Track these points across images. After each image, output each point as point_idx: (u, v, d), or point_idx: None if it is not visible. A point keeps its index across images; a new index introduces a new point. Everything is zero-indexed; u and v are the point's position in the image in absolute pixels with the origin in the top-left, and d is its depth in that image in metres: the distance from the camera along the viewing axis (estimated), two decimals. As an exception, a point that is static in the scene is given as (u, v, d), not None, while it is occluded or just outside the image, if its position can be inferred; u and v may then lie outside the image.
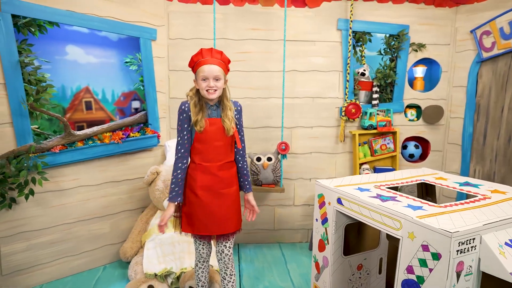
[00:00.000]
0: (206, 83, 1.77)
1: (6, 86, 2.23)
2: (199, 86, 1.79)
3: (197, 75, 1.80)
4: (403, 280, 1.46)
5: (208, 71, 1.76)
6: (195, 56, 1.83)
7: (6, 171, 2.18)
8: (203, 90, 1.78)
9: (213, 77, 1.76)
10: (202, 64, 1.78)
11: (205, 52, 1.81)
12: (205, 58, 1.79)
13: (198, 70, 1.79)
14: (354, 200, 1.71)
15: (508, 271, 1.27)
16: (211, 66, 1.77)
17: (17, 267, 2.41)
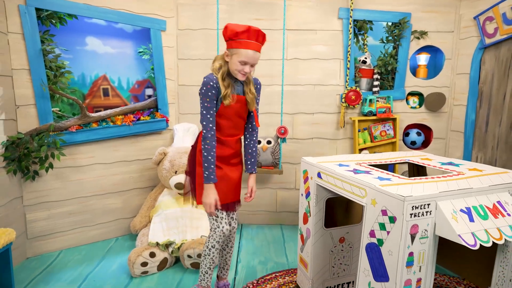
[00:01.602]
0: (243, 66, 1.67)
1: (31, 72, 2.52)
2: (233, 64, 1.67)
3: (235, 53, 1.65)
4: (366, 244, 1.58)
5: (251, 57, 1.65)
6: (241, 32, 1.62)
7: (30, 146, 2.48)
8: (235, 70, 1.69)
9: (252, 63, 1.68)
10: (246, 46, 1.63)
11: (253, 33, 1.64)
12: (251, 41, 1.63)
13: (239, 51, 1.64)
14: (330, 173, 1.83)
15: (456, 233, 1.36)
16: (256, 53, 1.65)
17: (40, 233, 2.71)
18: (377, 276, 1.53)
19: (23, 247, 2.64)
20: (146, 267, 2.42)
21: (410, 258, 1.44)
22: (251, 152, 1.95)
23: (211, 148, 1.71)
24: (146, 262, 2.41)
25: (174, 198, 2.94)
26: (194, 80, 3.23)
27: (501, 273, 1.67)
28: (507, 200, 1.57)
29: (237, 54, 1.65)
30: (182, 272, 2.49)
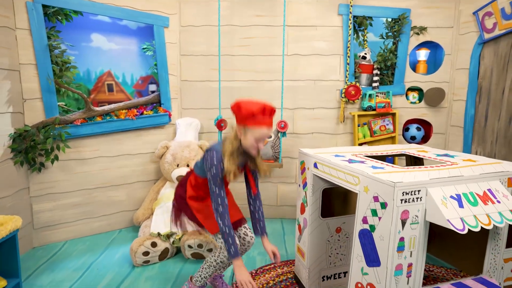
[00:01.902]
0: (258, 143, 1.71)
1: (37, 67, 2.60)
2: (248, 141, 1.69)
3: (250, 131, 1.67)
4: (359, 230, 1.62)
5: (266, 134, 1.70)
6: (257, 112, 1.64)
7: (36, 139, 2.55)
8: (251, 147, 1.71)
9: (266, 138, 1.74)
10: (263, 124, 1.66)
11: (268, 111, 1.68)
12: (265, 118, 1.67)
13: (255, 130, 1.66)
14: (326, 163, 1.87)
15: (445, 218, 1.39)
16: (270, 130, 1.71)
17: (46, 223, 2.79)
18: (369, 261, 1.57)
19: (30, 236, 2.72)
20: (147, 256, 2.48)
21: (401, 243, 1.48)
22: (258, 217, 1.95)
23: (229, 225, 1.71)
24: (148, 251, 2.48)
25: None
26: (196, 76, 3.29)
27: (492, 260, 1.70)
28: (497, 188, 1.60)
29: (252, 132, 1.67)
30: (182, 262, 2.54)
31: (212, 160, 1.70)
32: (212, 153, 1.71)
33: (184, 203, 1.93)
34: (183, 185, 1.96)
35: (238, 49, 3.24)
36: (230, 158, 1.69)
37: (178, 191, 1.98)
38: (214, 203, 1.71)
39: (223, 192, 1.72)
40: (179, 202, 1.96)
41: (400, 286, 1.52)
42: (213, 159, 1.70)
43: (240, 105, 1.68)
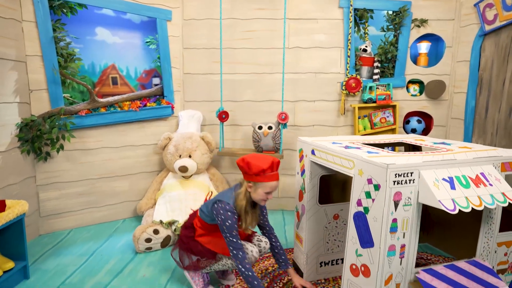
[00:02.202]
0: (267, 195, 1.82)
1: (43, 58, 2.67)
2: (259, 195, 1.81)
3: (260, 186, 1.79)
4: (354, 213, 1.65)
5: (275, 187, 1.82)
6: (267, 169, 1.78)
7: (42, 128, 2.62)
8: (259, 199, 1.83)
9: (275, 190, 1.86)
10: (272, 179, 1.80)
11: (275, 165, 1.82)
12: (274, 172, 1.81)
13: (265, 184, 1.79)
14: (323, 149, 1.91)
15: (437, 199, 1.42)
16: (277, 182, 1.83)
17: (52, 211, 2.86)
18: (363, 242, 1.61)
19: (36, 224, 2.80)
20: (150, 243, 2.54)
21: (393, 224, 1.52)
22: (278, 251, 2.04)
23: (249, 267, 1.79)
24: (150, 238, 2.53)
25: (178, 181, 3.06)
26: (199, 69, 3.34)
27: (485, 244, 1.72)
28: (490, 172, 1.62)
29: (263, 187, 1.80)
30: (184, 249, 2.59)
31: (226, 213, 1.78)
32: (223, 206, 1.80)
33: (192, 241, 1.98)
34: (188, 227, 2.03)
35: (240, 42, 3.28)
36: (246, 213, 1.83)
37: (183, 233, 2.05)
38: (234, 250, 1.79)
39: (240, 241, 1.81)
40: (186, 242, 2.01)
41: (393, 266, 1.55)
42: (226, 212, 1.78)
43: (249, 162, 1.80)
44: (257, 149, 3.09)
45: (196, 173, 3.12)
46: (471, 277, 1.61)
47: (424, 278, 1.56)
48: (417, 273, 1.58)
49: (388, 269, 1.55)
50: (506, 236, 1.75)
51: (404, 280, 1.59)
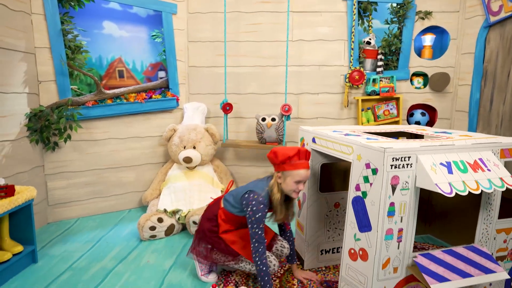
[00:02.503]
0: (297, 185, 1.77)
1: (51, 50, 2.74)
2: (288, 185, 1.77)
3: (289, 175, 1.76)
4: (353, 198, 1.67)
5: (305, 176, 1.76)
6: (293, 156, 1.75)
7: (50, 119, 2.69)
8: (292, 191, 1.78)
9: (305, 180, 1.80)
10: (300, 167, 1.75)
11: (303, 154, 1.78)
12: (302, 161, 1.76)
13: (293, 172, 1.75)
14: (323, 137, 1.93)
15: (433, 182, 1.44)
16: (307, 171, 1.77)
17: (59, 200, 2.93)
18: (361, 226, 1.63)
19: (44, 212, 2.87)
20: (154, 231, 2.59)
21: (391, 208, 1.53)
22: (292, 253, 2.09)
23: (265, 262, 1.77)
24: (154, 226, 2.58)
25: (183, 172, 3.11)
26: (204, 62, 3.38)
27: (484, 230, 1.73)
28: (489, 158, 1.63)
29: (292, 176, 1.75)
30: (188, 238, 2.64)
31: (258, 205, 1.75)
32: (257, 198, 1.77)
33: (215, 237, 1.94)
34: (212, 219, 1.97)
35: (244, 35, 3.31)
36: (281, 205, 1.80)
37: (206, 225, 1.98)
38: (256, 243, 1.76)
39: (263, 234, 1.78)
40: (209, 236, 1.95)
41: (390, 250, 1.57)
42: (259, 204, 1.75)
43: (276, 151, 1.79)
44: (261, 141, 3.12)
45: (201, 165, 3.16)
46: (468, 262, 1.62)
47: (422, 262, 1.58)
48: (415, 257, 1.60)
49: (386, 253, 1.57)
50: (505, 223, 1.75)
51: (401, 264, 1.61)
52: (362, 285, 1.64)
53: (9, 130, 2.46)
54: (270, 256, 1.90)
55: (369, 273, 1.59)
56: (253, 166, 3.41)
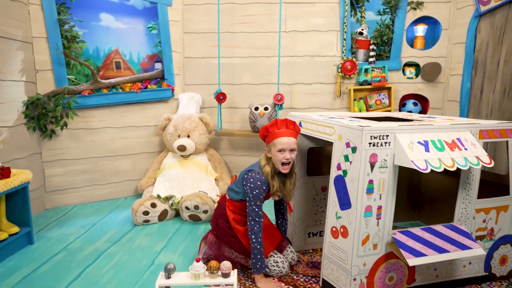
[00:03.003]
0: (282, 154, 1.77)
1: (48, 40, 2.80)
2: (274, 156, 1.79)
3: (272, 146, 1.79)
4: (334, 177, 1.72)
5: (286, 143, 1.76)
6: (270, 127, 1.81)
7: (47, 107, 2.76)
8: (278, 162, 1.79)
9: (290, 148, 1.78)
10: (279, 135, 1.77)
11: (281, 123, 1.81)
12: (281, 130, 1.79)
13: (274, 142, 1.78)
14: (308, 120, 1.98)
15: (410, 159, 1.49)
16: (289, 138, 1.78)
17: (57, 187, 3.00)
18: (342, 204, 1.68)
19: (42, 198, 2.94)
20: (147, 216, 2.65)
21: (370, 186, 1.58)
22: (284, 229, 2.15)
23: (261, 241, 1.81)
24: (148, 211, 2.65)
25: (177, 160, 3.17)
26: (199, 53, 3.43)
27: (464, 209, 1.77)
28: (467, 138, 1.67)
29: (274, 146, 1.79)
30: (180, 223, 2.70)
31: (255, 181, 1.79)
32: (254, 175, 1.81)
33: (229, 234, 1.95)
34: (222, 214, 1.99)
35: (238, 26, 3.36)
36: (272, 178, 1.82)
37: (219, 221, 1.98)
38: (252, 221, 1.80)
39: (261, 212, 1.82)
40: (224, 233, 1.96)
41: (370, 227, 1.62)
42: (256, 181, 1.80)
43: (260, 128, 1.86)
44: (254, 130, 3.18)
45: (195, 153, 3.22)
46: (446, 239, 1.67)
47: (400, 239, 1.63)
48: (394, 234, 1.64)
49: (365, 230, 1.62)
50: (484, 203, 1.80)
51: (381, 241, 1.66)
52: (343, 262, 1.69)
53: (7, 116, 2.53)
54: (278, 256, 1.93)
55: (349, 250, 1.64)
56: (247, 156, 3.46)
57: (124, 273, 1.99)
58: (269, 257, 1.93)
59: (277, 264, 1.92)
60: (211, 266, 1.56)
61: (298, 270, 2.02)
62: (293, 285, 1.87)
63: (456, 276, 1.84)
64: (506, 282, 1.90)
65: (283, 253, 2.04)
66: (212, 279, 1.56)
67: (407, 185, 2.69)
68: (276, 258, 1.94)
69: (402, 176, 2.51)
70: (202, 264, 1.57)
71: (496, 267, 1.91)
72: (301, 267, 2.06)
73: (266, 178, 1.82)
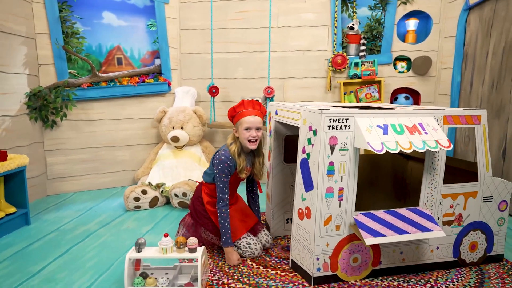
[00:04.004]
0: (249, 132, 1.89)
1: (50, 36, 2.99)
2: (241, 134, 1.91)
3: (239, 125, 1.91)
4: (300, 160, 1.79)
5: (251, 122, 1.89)
6: (237, 107, 1.94)
7: (48, 98, 2.94)
8: (245, 140, 1.90)
9: (256, 127, 1.90)
10: (245, 115, 1.90)
11: (247, 103, 1.93)
12: (247, 109, 1.92)
13: (241, 121, 1.90)
14: (282, 108, 2.06)
15: (366, 141, 1.54)
16: (254, 117, 1.90)
17: (58, 175, 3.18)
18: (306, 186, 1.75)
19: (44, 185, 3.12)
20: (138, 202, 2.78)
21: (330, 167, 1.65)
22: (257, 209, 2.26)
23: (226, 216, 1.91)
24: (138, 197, 2.78)
25: (172, 151, 3.30)
26: (195, 49, 3.56)
27: (429, 194, 1.80)
28: (429, 123, 1.71)
29: (240, 125, 1.91)
30: (170, 210, 2.83)
31: (220, 157, 1.91)
32: (220, 153, 1.93)
33: (204, 216, 2.04)
34: (198, 197, 2.09)
35: (232, 22, 3.47)
36: (239, 155, 1.93)
37: (195, 204, 2.09)
38: (217, 197, 1.92)
39: (226, 188, 1.92)
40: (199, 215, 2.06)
41: (332, 208, 1.68)
42: (221, 156, 1.92)
43: (229, 109, 1.98)
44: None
45: (189, 145, 3.34)
46: (408, 221, 1.71)
47: (361, 220, 1.68)
48: (356, 215, 1.70)
49: (327, 210, 1.68)
50: (450, 188, 1.82)
51: (344, 222, 1.72)
52: (307, 242, 1.76)
53: (10, 106, 2.72)
54: (251, 238, 2.02)
55: (312, 230, 1.71)
56: (241, 148, 3.55)
57: (107, 251, 2.11)
58: (242, 238, 2.01)
59: (249, 245, 2.00)
60: (178, 241, 1.66)
61: (272, 253, 2.10)
62: (264, 265, 1.95)
63: (424, 261, 1.88)
64: (475, 268, 1.92)
65: (257, 235, 2.12)
66: (179, 254, 1.66)
67: (393, 177, 2.72)
68: (249, 240, 2.02)
69: (387, 168, 2.56)
70: (170, 239, 1.67)
71: (465, 253, 1.93)
72: (275, 250, 2.14)
73: (232, 156, 1.93)
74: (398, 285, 1.76)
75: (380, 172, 2.60)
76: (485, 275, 1.85)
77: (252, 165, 2.05)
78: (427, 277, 1.82)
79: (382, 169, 2.59)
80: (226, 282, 1.77)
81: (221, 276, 1.83)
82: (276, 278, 1.82)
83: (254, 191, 2.25)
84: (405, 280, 1.80)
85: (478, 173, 1.86)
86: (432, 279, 1.81)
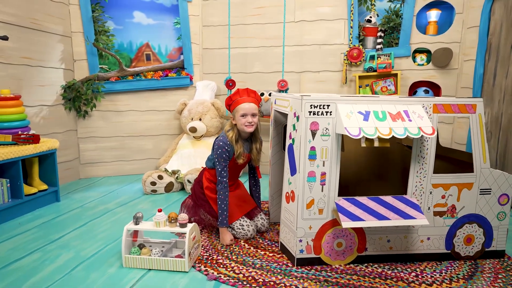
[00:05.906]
0: (245, 118, 2.00)
1: (84, 34, 3.31)
2: (238, 121, 2.02)
3: (236, 112, 2.03)
4: (288, 145, 1.87)
5: (247, 108, 2.00)
6: (233, 95, 2.06)
7: (80, 90, 3.26)
8: (242, 126, 2.01)
9: (251, 113, 2.02)
10: (241, 102, 2.02)
11: (242, 91, 2.06)
12: (243, 97, 2.04)
13: (237, 108, 2.02)
14: (279, 97, 2.14)
15: (344, 126, 1.58)
16: (250, 104, 2.02)
17: (89, 160, 3.52)
18: (292, 171, 1.82)
19: (77, 169, 3.47)
20: (154, 186, 3.00)
21: (312, 152, 1.71)
22: (257, 195, 2.37)
23: (224, 198, 2.04)
24: (155, 182, 3.00)
25: (190, 141, 3.49)
26: (215, 44, 3.72)
27: (418, 183, 1.79)
28: (415, 111, 1.70)
29: (237, 112, 2.03)
30: (184, 195, 3.01)
31: (219, 142, 2.05)
32: (219, 139, 2.07)
33: (202, 198, 2.18)
34: (199, 182, 2.22)
35: (251, 18, 3.58)
36: (236, 141, 2.05)
37: (195, 187, 2.24)
38: (219, 177, 2.04)
39: (225, 171, 2.04)
40: (198, 198, 2.20)
41: (314, 192, 1.74)
42: (219, 143, 2.05)
43: (226, 98, 2.11)
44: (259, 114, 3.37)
45: (207, 135, 3.51)
46: (391, 208, 1.71)
47: (342, 205, 1.72)
48: (338, 200, 1.74)
49: (309, 194, 1.74)
50: (441, 178, 1.79)
51: (327, 206, 1.76)
52: (292, 224, 1.83)
53: (47, 97, 3.07)
54: (245, 220, 2.13)
55: (295, 212, 1.78)
56: (257, 140, 3.65)
57: (118, 226, 2.34)
58: (236, 220, 2.13)
59: (242, 227, 2.11)
60: (170, 217, 1.81)
61: (267, 236, 2.19)
62: (255, 246, 2.04)
63: (413, 250, 1.86)
64: (470, 262, 1.86)
65: (253, 219, 2.22)
66: (170, 228, 1.81)
67: (401, 169, 2.68)
68: (243, 222, 2.13)
69: (396, 161, 2.54)
70: (164, 214, 1.83)
71: (460, 246, 1.88)
72: (271, 234, 2.22)
73: (230, 142, 2.04)
74: (382, 271, 1.77)
75: (389, 165, 2.58)
76: (479, 269, 1.79)
77: (250, 151, 2.16)
78: (414, 267, 1.81)
79: (391, 162, 2.56)
80: (215, 258, 1.90)
81: (213, 253, 1.96)
82: (263, 258, 1.91)
83: (256, 178, 2.35)
84: (391, 268, 1.80)
85: (474, 163, 1.81)
86: (419, 268, 1.80)
